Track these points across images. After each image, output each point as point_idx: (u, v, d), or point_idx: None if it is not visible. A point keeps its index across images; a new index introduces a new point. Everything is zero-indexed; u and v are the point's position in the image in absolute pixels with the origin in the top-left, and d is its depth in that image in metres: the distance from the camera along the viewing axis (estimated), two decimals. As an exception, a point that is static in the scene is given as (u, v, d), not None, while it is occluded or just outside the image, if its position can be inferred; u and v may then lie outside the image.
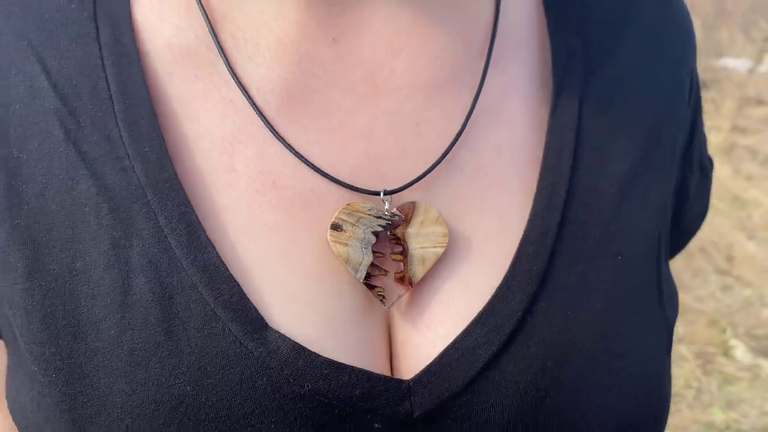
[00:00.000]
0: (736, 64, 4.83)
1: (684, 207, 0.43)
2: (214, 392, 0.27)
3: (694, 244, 3.09)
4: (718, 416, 2.11)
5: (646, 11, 0.37)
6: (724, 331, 2.58)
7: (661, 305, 0.34)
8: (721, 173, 3.76)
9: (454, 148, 0.30)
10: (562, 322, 0.29)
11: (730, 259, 3.14)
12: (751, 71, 4.21)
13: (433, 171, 0.30)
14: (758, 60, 4.20)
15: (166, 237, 0.28)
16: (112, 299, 0.28)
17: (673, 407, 2.17)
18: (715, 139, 3.94)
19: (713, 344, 2.50)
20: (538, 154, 0.32)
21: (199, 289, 0.27)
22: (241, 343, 0.27)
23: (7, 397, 0.32)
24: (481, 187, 0.31)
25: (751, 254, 3.14)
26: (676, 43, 0.37)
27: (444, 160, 0.30)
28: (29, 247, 0.29)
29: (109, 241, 0.28)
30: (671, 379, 0.35)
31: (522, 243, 0.30)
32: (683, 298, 2.79)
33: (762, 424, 2.08)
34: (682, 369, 2.33)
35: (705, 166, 0.45)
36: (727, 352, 2.49)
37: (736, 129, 4.15)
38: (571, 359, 0.29)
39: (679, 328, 2.58)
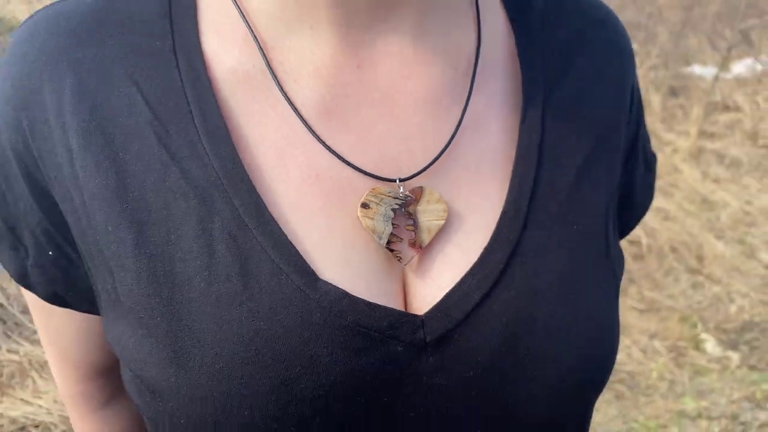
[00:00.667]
0: (703, 71, 5.00)
1: (633, 193, 0.53)
2: (282, 326, 0.36)
3: (666, 244, 3.22)
4: (689, 405, 2.23)
5: (595, 38, 0.47)
6: (695, 326, 2.71)
7: (609, 262, 0.43)
8: (690, 176, 3.91)
9: (449, 147, 0.40)
10: (533, 273, 0.39)
11: (700, 258, 3.28)
12: (718, 78, 4.38)
13: (434, 164, 0.40)
14: (724, 67, 4.37)
15: (240, 215, 0.37)
16: (200, 261, 0.37)
17: (646, 398, 2.29)
18: (684, 143, 4.10)
19: (684, 339, 2.62)
20: (512, 152, 0.42)
21: (267, 251, 0.36)
22: (300, 289, 0.36)
23: (110, 341, 0.41)
24: (470, 176, 0.41)
25: (720, 253, 3.28)
26: (620, 66, 0.47)
27: (442, 155, 0.40)
28: (135, 225, 0.37)
29: (196, 218, 0.37)
30: (619, 322, 0.45)
31: (501, 217, 0.39)
32: (656, 296, 2.91)
33: (731, 411, 2.20)
34: (656, 363, 2.44)
35: (649, 160, 0.55)
36: (698, 345, 2.61)
37: (703, 134, 4.31)
38: (541, 300, 0.39)
39: (652, 325, 2.70)
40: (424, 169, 0.39)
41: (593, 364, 0.40)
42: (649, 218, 3.37)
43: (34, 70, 0.39)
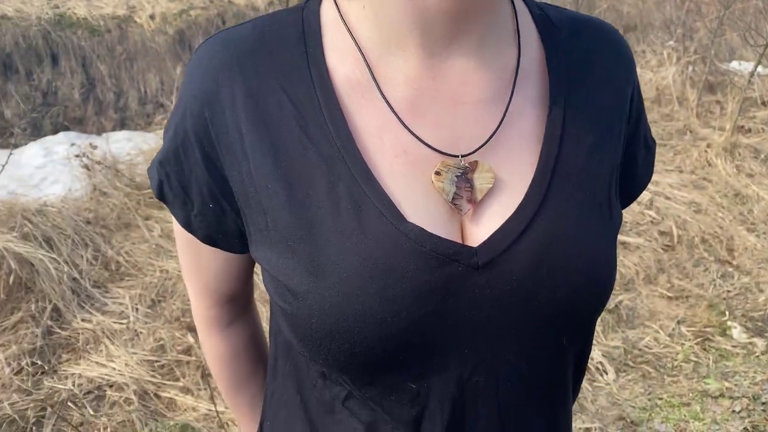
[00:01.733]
0: (741, 67, 5.04)
1: (635, 169, 0.70)
2: (384, 251, 0.52)
3: (697, 236, 3.31)
4: (713, 385, 2.35)
5: (602, 51, 0.63)
6: (722, 314, 2.81)
7: (611, 218, 0.60)
8: (723, 171, 3.98)
9: (496, 133, 0.57)
10: (553, 222, 0.55)
11: (730, 250, 3.37)
12: (754, 74, 4.42)
13: (485, 145, 0.57)
14: (761, 63, 4.41)
15: (354, 178, 0.54)
16: (329, 209, 0.53)
17: (671, 378, 2.42)
18: (719, 138, 4.17)
19: (711, 325, 2.73)
20: (541, 137, 0.58)
21: (373, 202, 0.53)
22: (395, 227, 0.53)
23: (260, 262, 0.59)
24: (510, 153, 0.57)
25: (750, 245, 3.36)
26: (621, 73, 0.64)
27: (491, 139, 0.57)
28: (285, 183, 0.54)
29: (326, 181, 0.54)
30: (616, 261, 0.61)
31: (531, 183, 0.56)
32: (685, 284, 3.02)
33: (752, 392, 2.32)
34: (682, 346, 2.57)
35: (649, 145, 0.72)
36: (724, 332, 2.72)
37: (739, 129, 4.37)
38: (558, 240, 0.55)
39: (680, 312, 2.82)
40: (479, 149, 0.56)
41: (595, 283, 0.57)
42: (682, 211, 3.47)
43: (214, 77, 0.57)
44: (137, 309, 2.64)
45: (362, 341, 0.53)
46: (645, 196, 3.51)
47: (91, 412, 2.17)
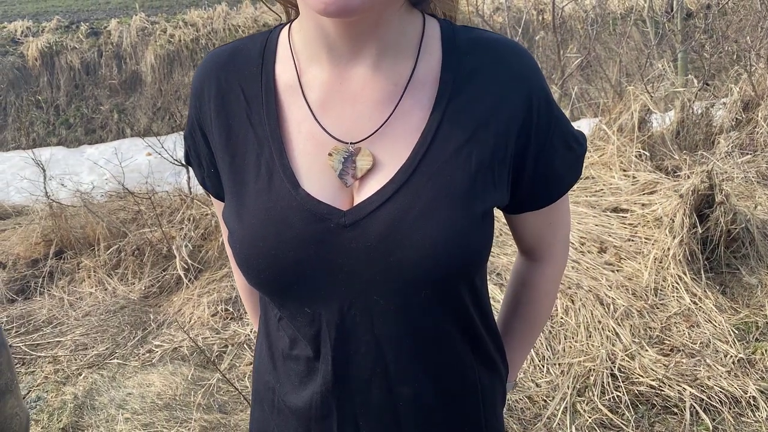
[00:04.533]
0: None
1: (552, 168, 0.80)
2: (281, 207, 0.73)
3: None
4: None
5: (496, 67, 0.74)
6: None
7: (471, 205, 0.71)
8: None
9: (382, 127, 0.73)
10: (411, 198, 0.69)
11: None
12: None
13: (371, 136, 0.73)
14: None
15: (273, 155, 0.75)
16: (253, 173, 0.76)
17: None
18: None
19: None
20: (419, 133, 0.74)
21: (280, 172, 0.74)
22: (290, 191, 0.73)
23: (222, 212, 0.83)
24: (391, 144, 0.73)
25: None
26: (510, 88, 0.74)
27: (376, 132, 0.73)
28: (231, 156, 0.78)
29: (255, 154, 0.77)
30: (483, 241, 0.73)
31: (401, 167, 0.72)
32: None
33: None
34: None
35: (571, 145, 0.81)
36: None
37: None
38: (413, 211, 0.69)
39: None
40: (365, 139, 0.74)
41: (437, 254, 0.70)
42: None
43: (202, 80, 0.82)
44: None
45: (264, 269, 0.75)
46: None
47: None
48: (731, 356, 2.50)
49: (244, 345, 2.68)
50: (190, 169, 1.71)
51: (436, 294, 0.74)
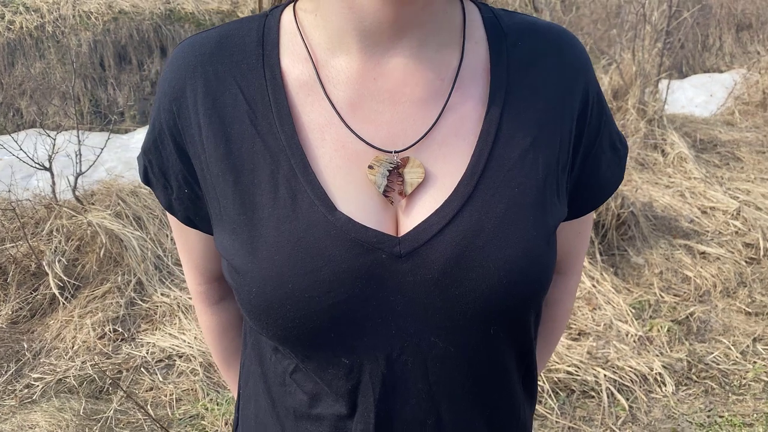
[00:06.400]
0: None
1: (597, 173, 0.71)
2: (314, 235, 0.58)
3: (788, 250, 3.10)
4: (780, 407, 2.22)
5: (547, 55, 0.64)
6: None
7: (543, 218, 0.62)
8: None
9: (430, 131, 0.61)
10: (478, 217, 0.58)
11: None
12: None
13: (419, 142, 0.61)
14: None
15: (294, 170, 0.60)
16: (269, 195, 0.60)
17: (736, 397, 2.31)
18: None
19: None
20: (476, 135, 0.62)
21: (307, 191, 0.59)
22: (324, 216, 0.58)
23: (216, 245, 0.66)
24: (444, 150, 0.61)
25: None
26: (569, 79, 0.65)
27: (425, 137, 0.61)
28: (234, 172, 0.61)
29: (269, 170, 0.60)
30: (553, 261, 0.63)
31: (462, 178, 0.60)
32: (769, 300, 2.85)
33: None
34: (754, 365, 2.44)
35: (617, 147, 0.72)
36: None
37: None
38: (481, 233, 0.57)
39: (758, 329, 2.67)
40: (412, 146, 0.61)
41: (515, 280, 0.60)
42: (774, 222, 3.27)
43: (181, 77, 0.64)
44: (212, 287, 2.82)
45: (294, 316, 0.59)
46: (732, 205, 3.33)
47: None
48: (632, 335, 2.61)
49: (141, 368, 2.41)
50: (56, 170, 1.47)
51: (504, 327, 0.63)
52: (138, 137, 5.02)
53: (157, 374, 2.38)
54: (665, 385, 2.35)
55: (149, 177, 0.70)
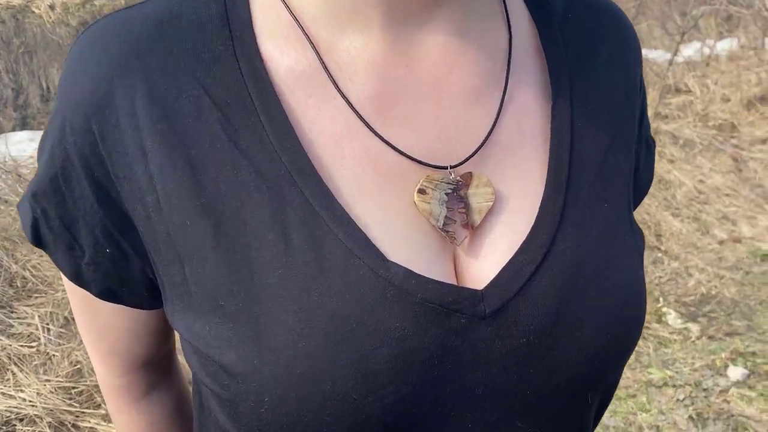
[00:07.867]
0: (656, 55, 5.16)
1: (638, 172, 0.59)
2: (358, 304, 0.39)
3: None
4: (656, 374, 2.34)
5: (606, 32, 0.52)
6: (657, 300, 2.82)
7: (633, 236, 0.48)
8: (647, 157, 4.05)
9: (492, 133, 0.45)
10: (576, 246, 0.43)
11: (658, 235, 3.41)
12: (672, 63, 4.52)
13: (480, 150, 0.44)
14: (676, 51, 4.51)
15: (311, 204, 0.40)
16: (277, 249, 0.39)
17: (615, 369, 2.40)
18: (640, 125, 4.25)
19: (648, 313, 2.74)
20: (547, 133, 0.46)
21: (339, 236, 0.39)
22: (372, 270, 0.39)
23: (179, 330, 0.44)
24: (512, 157, 0.45)
25: (676, 231, 3.42)
26: (628, 57, 0.53)
27: (486, 142, 0.44)
28: (212, 218, 0.40)
29: (270, 209, 0.40)
30: (646, 289, 0.50)
31: (545, 197, 0.44)
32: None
33: (693, 378, 2.32)
34: None
35: (650, 144, 0.61)
36: (660, 318, 2.73)
37: (658, 116, 4.46)
38: (583, 270, 0.43)
39: (617, 300, 2.81)
40: (472, 155, 0.44)
41: (626, 325, 0.46)
42: (610, 198, 3.48)
43: (105, 75, 0.41)
44: (48, 329, 2.38)
45: (334, 430, 0.40)
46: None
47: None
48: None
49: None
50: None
51: (601, 391, 0.49)
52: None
53: (-9, 447, 1.94)
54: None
55: (42, 234, 0.47)
